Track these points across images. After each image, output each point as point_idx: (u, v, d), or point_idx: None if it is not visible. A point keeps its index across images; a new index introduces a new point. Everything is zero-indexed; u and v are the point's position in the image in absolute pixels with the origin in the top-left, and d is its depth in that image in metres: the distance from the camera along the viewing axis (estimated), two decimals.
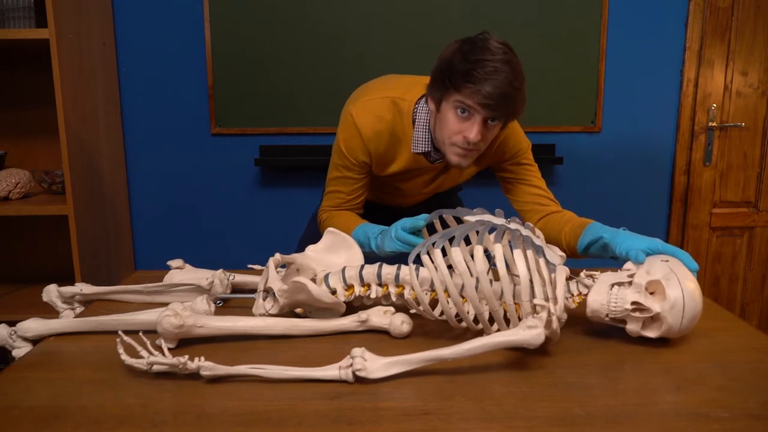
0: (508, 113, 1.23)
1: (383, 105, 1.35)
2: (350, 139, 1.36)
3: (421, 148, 1.36)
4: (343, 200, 1.44)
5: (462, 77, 1.19)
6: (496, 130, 1.28)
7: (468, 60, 1.19)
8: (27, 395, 0.84)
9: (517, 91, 1.20)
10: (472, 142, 1.24)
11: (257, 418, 0.77)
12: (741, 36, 2.28)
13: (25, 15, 1.89)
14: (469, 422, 0.76)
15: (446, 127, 1.27)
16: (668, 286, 0.94)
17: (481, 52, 1.20)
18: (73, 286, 1.21)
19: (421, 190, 1.51)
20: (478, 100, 1.18)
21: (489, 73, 1.17)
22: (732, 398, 0.82)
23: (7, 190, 1.91)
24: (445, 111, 1.26)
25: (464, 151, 1.28)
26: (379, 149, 1.37)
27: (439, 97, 1.27)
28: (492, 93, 1.17)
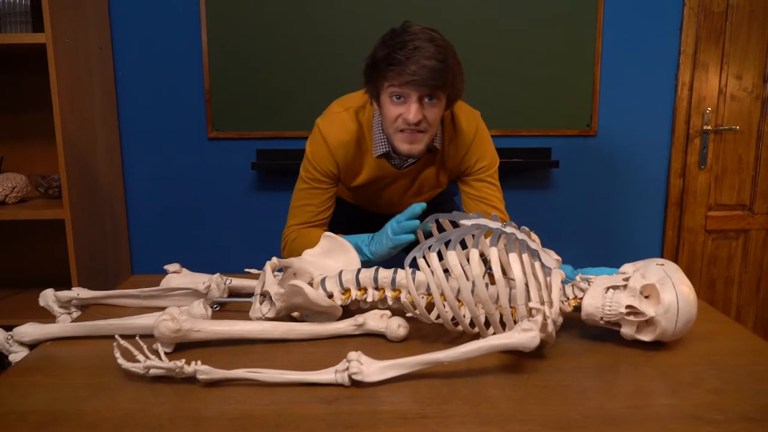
0: (439, 86, 1.23)
1: (347, 116, 1.39)
2: (318, 150, 1.39)
3: (380, 150, 1.38)
4: (313, 213, 1.43)
5: (386, 63, 1.22)
6: (438, 109, 1.28)
7: (388, 45, 1.22)
8: (24, 400, 0.84)
9: (443, 64, 1.21)
10: (412, 122, 1.25)
11: (254, 421, 0.77)
12: (735, 40, 2.29)
13: (22, 19, 1.89)
14: (466, 425, 0.76)
15: (387, 117, 1.29)
16: (663, 290, 0.95)
17: (400, 35, 1.23)
18: (70, 291, 1.21)
19: (401, 198, 1.52)
20: (405, 79, 1.20)
21: (410, 51, 1.19)
22: (727, 401, 0.82)
23: (4, 195, 1.91)
24: (383, 103, 1.29)
25: (409, 136, 1.29)
26: (347, 158, 1.40)
27: (374, 92, 1.30)
28: (417, 69, 1.19)
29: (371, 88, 1.31)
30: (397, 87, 1.23)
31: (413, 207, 1.19)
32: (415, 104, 1.24)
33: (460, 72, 1.29)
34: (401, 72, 1.20)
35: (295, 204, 1.46)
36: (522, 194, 2.39)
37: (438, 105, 1.28)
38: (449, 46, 1.26)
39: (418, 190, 1.51)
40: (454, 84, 1.28)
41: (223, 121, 2.26)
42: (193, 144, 2.31)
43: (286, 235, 1.46)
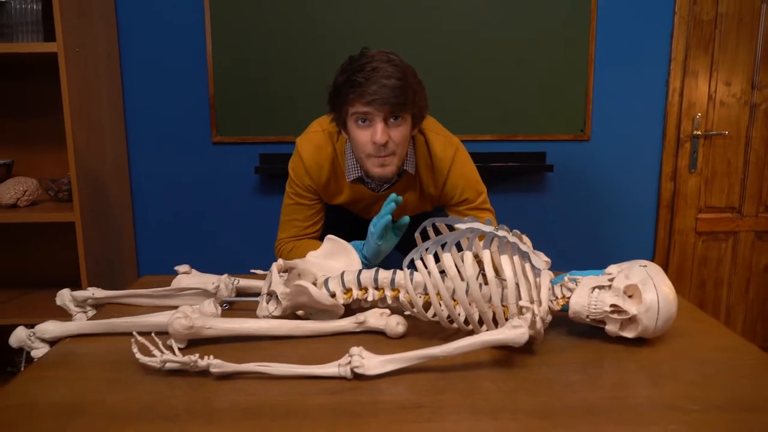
0: (401, 104, 1.25)
1: (322, 137, 1.43)
2: (296, 167, 1.45)
3: (353, 176, 1.41)
4: (299, 228, 1.48)
5: (347, 86, 1.24)
6: (404, 129, 1.30)
7: (347, 70, 1.25)
8: (48, 393, 0.90)
9: (402, 82, 1.23)
10: (379, 142, 1.26)
11: (264, 411, 0.83)
12: (724, 47, 2.34)
13: (33, 29, 1.94)
14: (459, 415, 0.82)
15: (356, 143, 1.31)
16: (644, 290, 1.01)
17: (359, 59, 1.26)
18: (86, 291, 1.26)
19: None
20: (367, 99, 1.22)
21: (369, 72, 1.22)
22: (702, 392, 0.88)
23: (15, 198, 1.97)
24: (350, 129, 1.31)
25: (380, 159, 1.31)
26: (321, 178, 1.43)
27: (340, 119, 1.32)
28: (377, 89, 1.21)
29: (337, 116, 1.33)
30: (361, 108, 1.25)
31: (388, 201, 1.23)
32: (381, 124, 1.26)
33: (421, 90, 1.31)
34: (362, 93, 1.22)
35: (283, 219, 1.51)
36: (518, 197, 2.44)
37: (403, 124, 1.30)
38: (407, 66, 1.29)
39: (401, 211, 1.53)
40: (416, 102, 1.30)
41: (227, 125, 2.31)
42: (198, 148, 2.35)
43: (279, 246, 1.50)
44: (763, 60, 2.35)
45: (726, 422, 0.80)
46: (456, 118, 2.29)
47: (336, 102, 1.30)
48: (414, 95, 1.28)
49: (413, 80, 1.28)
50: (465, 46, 2.27)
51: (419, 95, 1.31)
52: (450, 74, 2.28)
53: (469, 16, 2.26)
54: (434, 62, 2.27)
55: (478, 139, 2.35)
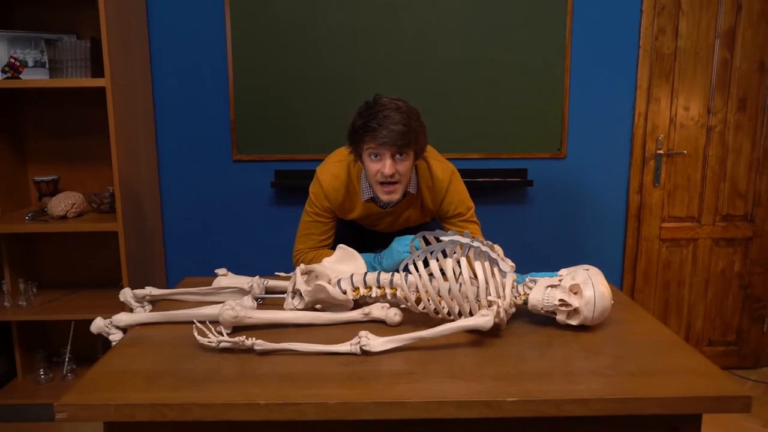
0: (406, 144, 1.56)
1: (340, 167, 1.74)
2: (317, 191, 1.75)
3: (366, 196, 1.72)
4: (316, 241, 1.78)
5: (363, 130, 1.57)
6: (408, 162, 1.61)
7: (364, 116, 1.57)
8: (133, 363, 1.20)
9: (408, 127, 1.55)
10: (387, 174, 1.58)
11: (295, 377, 1.13)
12: (683, 77, 2.60)
13: (82, 64, 2.22)
14: (441, 378, 1.12)
15: (368, 172, 1.63)
16: (585, 288, 1.31)
17: (373, 107, 1.58)
18: (143, 289, 1.54)
19: (392, 227, 1.86)
20: (378, 142, 1.54)
21: (381, 120, 1.54)
22: (620, 363, 1.18)
23: (65, 210, 2.26)
24: (364, 161, 1.63)
25: (388, 188, 1.62)
26: (338, 199, 1.74)
27: (357, 152, 1.64)
28: (387, 134, 1.53)
29: (354, 149, 1.64)
30: (373, 148, 1.57)
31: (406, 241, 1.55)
32: (389, 160, 1.57)
33: (422, 131, 1.62)
34: (375, 136, 1.54)
35: (301, 233, 1.81)
36: (502, 209, 2.70)
37: (407, 159, 1.61)
38: (413, 110, 1.59)
39: (405, 223, 1.84)
40: (418, 141, 1.60)
41: (246, 145, 2.59)
42: (220, 166, 2.61)
43: (298, 256, 1.80)
44: (717, 88, 2.61)
45: (632, 383, 1.10)
46: (447, 138, 2.56)
47: (354, 140, 1.61)
48: (416, 136, 1.59)
49: (416, 123, 1.59)
50: (456, 76, 2.55)
51: (420, 135, 1.61)
52: (442, 100, 2.57)
53: (460, 51, 2.53)
54: (429, 89, 2.55)
55: (467, 157, 2.63)
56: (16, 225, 2.22)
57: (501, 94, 2.59)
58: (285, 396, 1.05)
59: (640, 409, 1.07)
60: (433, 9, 2.52)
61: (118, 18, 2.20)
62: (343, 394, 1.06)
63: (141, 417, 1.05)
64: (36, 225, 2.21)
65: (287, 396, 1.05)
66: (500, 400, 1.04)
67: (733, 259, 2.76)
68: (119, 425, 1.10)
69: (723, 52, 2.59)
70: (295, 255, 1.82)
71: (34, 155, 2.53)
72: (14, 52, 2.29)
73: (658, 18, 2.55)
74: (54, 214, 2.25)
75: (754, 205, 2.72)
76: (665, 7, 2.54)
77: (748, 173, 2.69)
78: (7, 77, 2.19)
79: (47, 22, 2.43)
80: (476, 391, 1.07)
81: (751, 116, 2.64)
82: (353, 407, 1.04)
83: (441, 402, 1.04)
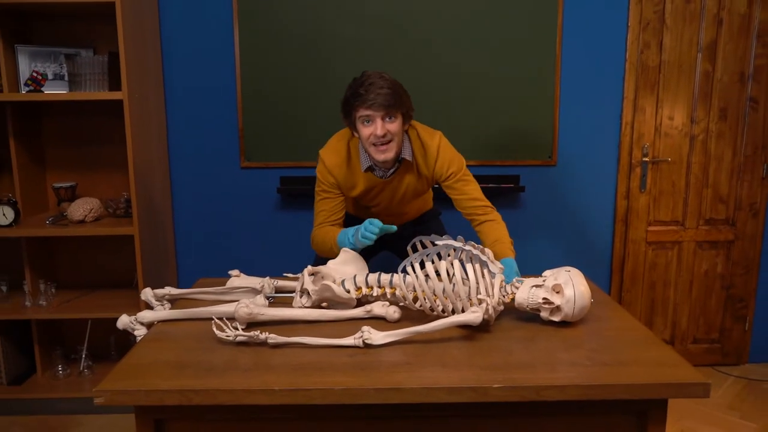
0: (392, 106, 1.71)
1: (340, 145, 1.91)
2: (321, 169, 1.91)
3: (365, 165, 1.87)
4: (326, 215, 1.92)
5: (354, 99, 1.74)
6: (397, 123, 1.76)
7: (353, 87, 1.76)
8: (159, 355, 1.33)
9: (393, 91, 1.71)
10: (379, 135, 1.74)
11: (306, 366, 1.27)
12: (667, 88, 2.73)
13: (99, 78, 2.36)
14: (434, 368, 1.26)
15: (363, 137, 1.79)
16: (566, 288, 1.44)
17: (360, 78, 1.76)
18: (163, 289, 1.67)
19: (391, 203, 1.97)
20: (367, 104, 1.71)
21: (368, 86, 1.72)
22: (597, 355, 1.32)
23: (83, 215, 2.39)
24: (358, 128, 1.79)
25: (381, 147, 1.78)
26: (341, 174, 1.89)
27: (351, 122, 1.81)
28: (374, 97, 1.70)
29: (348, 120, 1.81)
30: (364, 113, 1.73)
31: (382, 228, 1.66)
32: (380, 121, 1.73)
33: (407, 96, 1.80)
34: (364, 101, 1.71)
35: (315, 212, 1.96)
36: None
37: (396, 120, 1.77)
38: (395, 81, 1.77)
39: (403, 196, 1.97)
40: (403, 104, 1.77)
41: (253, 153, 2.72)
42: (229, 172, 2.74)
43: (312, 235, 1.95)
44: (700, 99, 2.75)
45: (605, 372, 1.24)
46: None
47: (347, 110, 1.78)
48: (401, 99, 1.76)
49: (400, 90, 1.77)
50: (454, 87, 2.68)
51: (405, 99, 1.79)
52: (441, 110, 2.70)
53: (458, 64, 2.67)
54: (429, 100, 2.67)
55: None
56: (37, 229, 2.35)
57: (496, 105, 2.72)
58: (296, 383, 1.19)
59: (611, 394, 1.20)
60: (434, 24, 2.65)
61: (134, 34, 2.34)
62: (348, 381, 1.20)
63: (169, 401, 1.19)
64: (56, 229, 2.34)
65: (298, 383, 1.19)
66: (486, 386, 1.18)
67: (716, 261, 2.89)
68: (149, 409, 1.23)
69: (705, 65, 2.73)
70: (311, 236, 1.95)
71: (53, 163, 2.66)
72: (35, 65, 2.43)
73: (643, 33, 2.69)
74: (73, 219, 2.38)
75: (735, 210, 2.86)
76: (650, 23, 2.68)
77: (729, 179, 2.83)
78: (30, 90, 2.33)
79: (63, 36, 2.56)
80: (465, 379, 1.20)
81: (731, 125, 2.78)
82: (357, 393, 1.18)
83: (434, 388, 1.18)
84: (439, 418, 1.27)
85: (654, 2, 2.67)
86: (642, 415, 1.27)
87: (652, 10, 2.67)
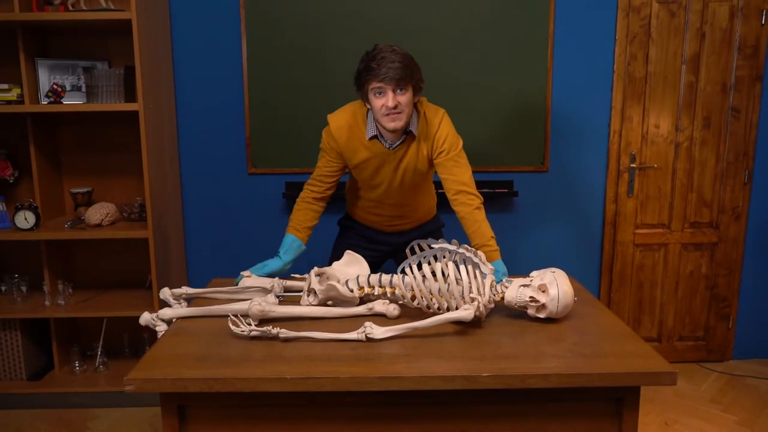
0: (403, 79, 1.76)
1: (347, 111, 1.97)
2: (326, 131, 1.99)
3: (371, 133, 1.92)
4: (316, 174, 2.04)
5: (366, 72, 1.80)
6: (408, 95, 1.80)
7: (365, 60, 1.82)
8: (180, 348, 1.46)
9: (403, 65, 1.75)
10: (391, 107, 1.78)
11: (315, 358, 1.40)
12: (653, 98, 2.85)
13: (116, 89, 2.49)
14: (430, 359, 1.39)
15: (375, 108, 1.84)
16: (550, 287, 1.58)
17: (373, 52, 1.82)
18: (180, 288, 1.80)
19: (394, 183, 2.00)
20: (380, 78, 1.77)
21: (380, 60, 1.77)
22: (578, 348, 1.45)
23: (100, 219, 2.52)
24: (370, 100, 1.85)
25: (392, 116, 1.80)
26: (342, 137, 1.95)
27: (363, 94, 1.87)
28: (386, 71, 1.76)
29: (360, 92, 1.87)
30: (376, 85, 1.79)
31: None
32: (391, 93, 1.79)
33: (417, 69, 1.83)
34: (377, 74, 1.77)
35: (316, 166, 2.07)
36: (490, 218, 2.72)
37: (407, 92, 1.82)
38: (407, 54, 1.82)
39: (403, 176, 1.97)
40: (414, 76, 1.81)
41: (259, 160, 2.85)
42: (236, 178, 2.87)
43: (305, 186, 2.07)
44: (684, 108, 2.88)
45: (584, 362, 1.37)
46: None
47: (360, 82, 1.85)
48: (412, 72, 1.80)
49: (411, 63, 1.81)
50: (451, 97, 2.80)
51: (416, 72, 1.83)
52: None
53: (456, 75, 2.80)
54: None
55: None
56: (57, 232, 2.49)
57: (490, 114, 2.86)
58: (306, 372, 1.33)
59: (590, 382, 1.34)
60: (432, 37, 2.79)
61: (148, 47, 2.47)
62: (353, 370, 1.33)
63: (192, 389, 1.32)
64: (75, 232, 2.48)
65: (308, 372, 1.33)
66: (477, 374, 1.32)
67: (701, 262, 3.03)
68: (173, 396, 1.37)
69: (689, 76, 2.87)
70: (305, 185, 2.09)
71: (69, 169, 2.79)
72: (53, 77, 2.57)
73: (630, 46, 2.83)
74: (91, 223, 2.52)
75: (718, 213, 2.99)
76: (636, 36, 2.82)
77: (713, 184, 2.97)
78: (51, 102, 2.46)
79: (78, 50, 2.69)
80: (458, 369, 1.34)
81: (714, 133, 2.92)
82: (361, 381, 1.32)
83: (430, 377, 1.32)
84: (434, 404, 1.40)
85: (640, 17, 2.81)
86: (619, 401, 1.41)
87: (639, 24, 2.81)
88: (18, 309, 2.61)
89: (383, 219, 2.16)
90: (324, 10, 2.75)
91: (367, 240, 2.21)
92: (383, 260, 2.27)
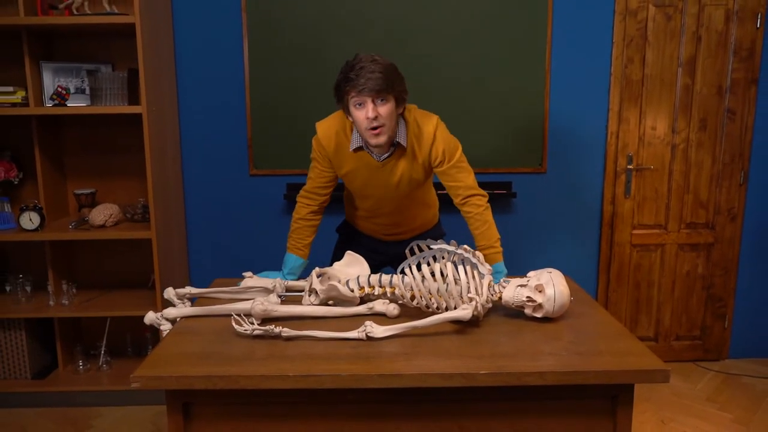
0: (383, 90, 1.68)
1: (334, 120, 1.93)
2: (315, 140, 1.96)
3: (355, 145, 1.88)
4: (310, 184, 1.99)
5: (345, 83, 1.75)
6: (389, 106, 1.72)
7: (344, 71, 1.77)
8: (185, 346, 1.50)
9: (384, 75, 1.67)
10: (371, 118, 1.70)
11: (316, 356, 1.43)
12: (650, 101, 2.89)
13: (119, 92, 2.53)
14: (429, 357, 1.42)
15: (356, 121, 1.80)
16: (547, 287, 1.61)
17: (352, 62, 1.76)
18: (184, 288, 1.83)
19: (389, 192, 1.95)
20: (358, 89, 1.71)
21: (359, 70, 1.72)
22: (573, 346, 1.48)
23: (104, 220, 2.55)
24: (352, 112, 1.80)
25: (374, 131, 1.73)
26: (330, 146, 1.91)
27: (344, 106, 1.82)
28: (365, 82, 1.70)
29: (341, 104, 1.83)
30: (355, 97, 1.75)
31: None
32: (370, 105, 1.73)
33: (400, 79, 1.75)
34: (355, 85, 1.71)
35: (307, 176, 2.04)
36: None
37: (388, 103, 1.76)
38: (388, 63, 1.76)
39: (398, 185, 1.92)
40: (395, 87, 1.72)
41: (261, 161, 2.89)
42: (238, 179, 2.90)
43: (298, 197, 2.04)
44: (680, 110, 2.91)
45: (580, 360, 1.41)
46: None
47: (339, 94, 1.81)
48: (393, 83, 1.72)
49: (392, 73, 1.73)
50: (451, 100, 2.86)
51: (398, 82, 1.74)
52: None
53: (456, 78, 2.84)
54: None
55: None
56: (61, 233, 2.52)
57: (489, 116, 2.89)
58: (308, 370, 1.36)
59: (584, 379, 1.37)
60: (432, 40, 2.82)
61: (151, 50, 2.50)
62: (353, 368, 1.36)
63: (197, 386, 1.35)
64: (80, 233, 2.51)
65: (310, 370, 1.36)
66: (474, 372, 1.35)
67: (697, 262, 3.06)
68: (178, 393, 1.40)
69: (685, 79, 2.90)
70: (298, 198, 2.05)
71: (73, 171, 2.82)
72: (58, 80, 2.60)
73: (627, 49, 2.86)
74: (94, 223, 2.55)
75: (714, 214, 3.03)
76: (633, 39, 2.86)
77: (709, 185, 3.00)
78: (55, 104, 2.50)
79: (82, 53, 2.72)
80: (456, 366, 1.37)
81: (710, 135, 2.95)
82: (361, 378, 1.35)
83: (429, 374, 1.35)
84: (433, 402, 1.44)
85: (637, 20, 2.84)
86: (614, 399, 1.44)
87: (635, 27, 2.84)
88: (22, 309, 2.64)
89: (380, 228, 2.14)
90: (325, 11, 2.79)
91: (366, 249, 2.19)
92: (382, 267, 2.27)
